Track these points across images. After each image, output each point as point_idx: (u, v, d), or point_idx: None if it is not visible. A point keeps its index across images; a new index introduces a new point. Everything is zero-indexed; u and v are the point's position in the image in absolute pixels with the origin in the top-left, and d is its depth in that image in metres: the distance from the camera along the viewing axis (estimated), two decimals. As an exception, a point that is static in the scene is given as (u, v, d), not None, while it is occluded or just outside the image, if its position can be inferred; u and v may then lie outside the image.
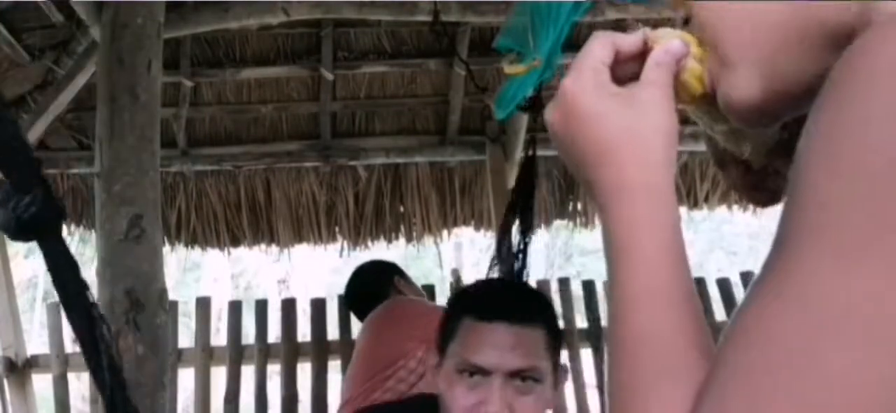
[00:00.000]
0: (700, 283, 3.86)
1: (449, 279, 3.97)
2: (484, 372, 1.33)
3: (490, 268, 3.40)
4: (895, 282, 0.44)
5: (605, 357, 3.68)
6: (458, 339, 1.38)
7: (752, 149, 0.91)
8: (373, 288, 2.88)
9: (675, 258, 0.58)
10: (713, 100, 0.66)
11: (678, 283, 0.57)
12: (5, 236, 3.99)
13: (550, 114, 0.66)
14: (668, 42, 0.64)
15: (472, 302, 1.43)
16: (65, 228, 4.34)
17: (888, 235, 0.44)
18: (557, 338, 1.44)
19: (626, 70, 0.64)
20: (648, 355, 0.56)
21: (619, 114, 0.61)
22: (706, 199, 4.49)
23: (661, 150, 0.61)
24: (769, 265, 0.49)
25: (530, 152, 3.42)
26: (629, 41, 0.65)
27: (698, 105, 0.71)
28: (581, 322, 3.76)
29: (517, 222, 3.29)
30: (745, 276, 3.89)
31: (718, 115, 0.70)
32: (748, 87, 0.61)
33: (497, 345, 1.34)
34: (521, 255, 3.27)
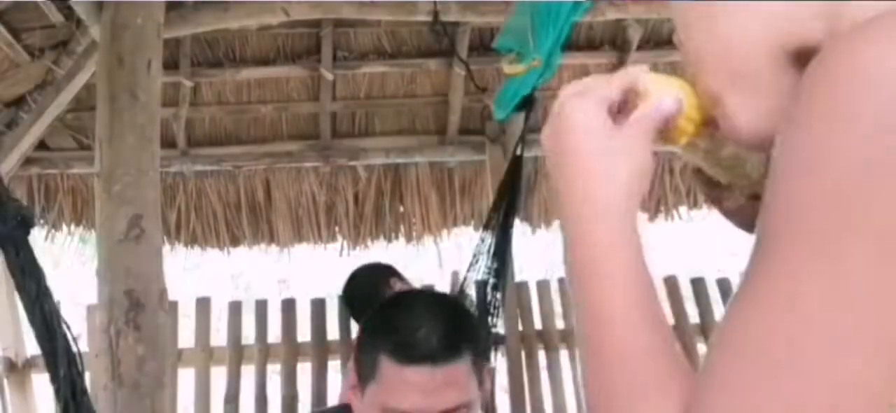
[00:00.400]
0: (700, 283, 3.86)
1: (449, 279, 3.96)
2: None
3: (469, 267, 3.42)
4: (863, 282, 0.46)
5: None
6: (378, 380, 1.28)
7: (756, 171, 0.92)
8: (368, 290, 2.90)
9: (643, 276, 0.62)
10: (709, 131, 0.70)
11: (649, 301, 0.61)
12: None
13: (545, 130, 0.71)
14: (661, 100, 0.67)
15: (392, 342, 1.28)
16: (65, 229, 4.34)
17: (856, 237, 0.46)
18: (481, 347, 1.35)
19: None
20: (635, 368, 0.58)
21: (601, 145, 0.66)
22: (706, 199, 4.49)
23: (628, 184, 0.65)
24: (749, 270, 0.52)
25: (518, 152, 3.43)
26: (619, 89, 0.70)
27: (695, 142, 0.74)
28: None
29: (499, 223, 3.30)
30: (745, 276, 3.89)
31: (719, 143, 0.75)
32: (745, 111, 0.64)
33: (423, 389, 1.24)
34: (500, 255, 3.28)
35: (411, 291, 1.64)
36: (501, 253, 3.31)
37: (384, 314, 1.37)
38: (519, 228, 3.97)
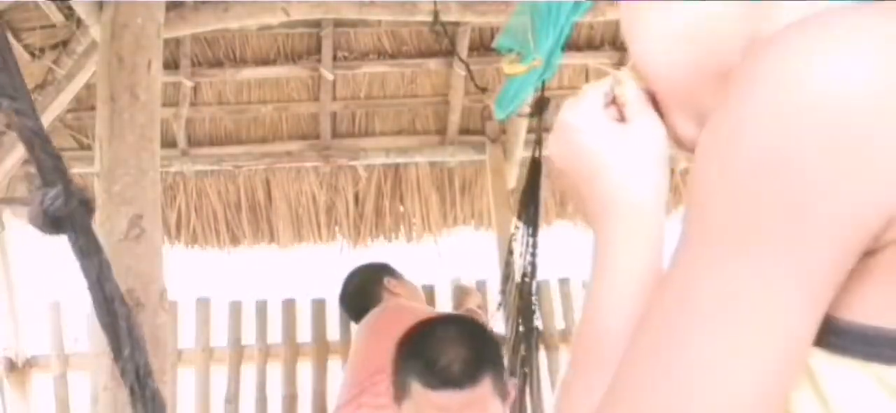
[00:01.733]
0: (700, 282, 3.86)
1: (449, 280, 3.96)
2: None
3: (505, 269, 3.44)
4: (758, 277, 0.47)
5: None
6: (412, 400, 1.45)
7: None
8: (363, 290, 2.91)
9: (648, 274, 0.64)
10: None
11: (641, 298, 0.62)
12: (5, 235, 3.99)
13: (551, 144, 0.74)
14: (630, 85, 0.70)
15: (419, 368, 1.45)
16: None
17: (754, 234, 0.48)
18: (501, 370, 1.48)
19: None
20: (595, 349, 0.62)
21: (615, 142, 0.68)
22: (706, 199, 4.50)
23: (653, 175, 0.67)
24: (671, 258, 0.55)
25: (536, 153, 3.42)
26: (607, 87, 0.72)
27: None
28: (581, 322, 3.76)
29: (524, 225, 3.31)
30: (745, 276, 3.89)
31: None
32: (685, 127, 0.66)
33: (447, 410, 1.42)
34: (531, 256, 3.30)
35: (440, 318, 1.78)
36: (534, 254, 3.35)
37: (414, 339, 1.50)
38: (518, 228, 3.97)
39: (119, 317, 0.90)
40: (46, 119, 3.60)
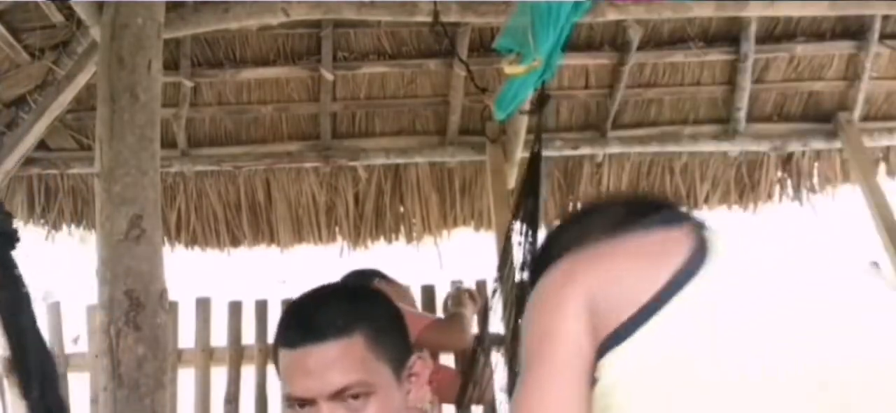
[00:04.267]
0: (700, 283, 3.86)
1: (449, 281, 3.95)
2: (309, 402, 1.19)
3: (498, 270, 3.43)
4: (537, 394, 1.02)
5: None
6: (281, 372, 1.24)
7: None
8: None
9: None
10: None
11: None
12: None
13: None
14: None
15: (280, 329, 1.25)
16: (65, 229, 4.33)
17: (529, 371, 1.04)
18: (387, 336, 1.26)
19: None
20: None
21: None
22: (706, 200, 4.50)
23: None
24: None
25: (535, 150, 3.42)
26: None
27: None
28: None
29: (522, 222, 3.30)
30: (745, 277, 3.88)
31: None
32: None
33: (310, 371, 1.19)
34: (529, 254, 3.29)
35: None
36: (532, 252, 3.33)
37: (287, 305, 1.30)
38: (519, 229, 3.97)
39: (29, 353, 0.89)
40: (46, 119, 3.61)
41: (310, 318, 1.23)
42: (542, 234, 3.41)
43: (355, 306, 1.27)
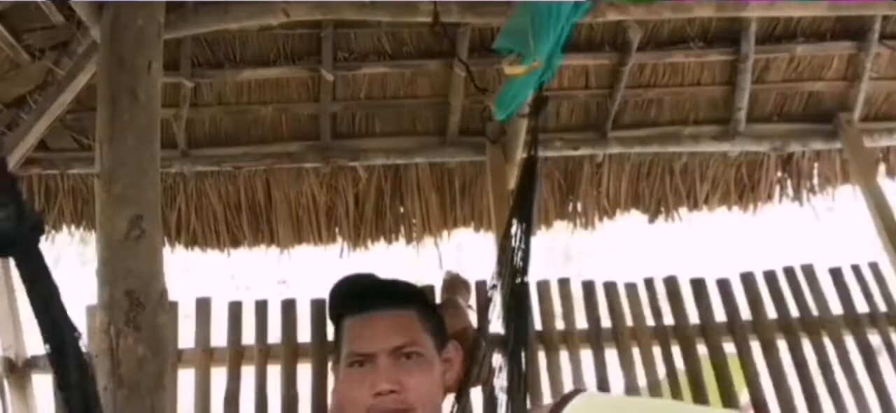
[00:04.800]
0: (700, 283, 3.86)
1: (442, 278, 3.95)
2: (369, 357, 1.44)
3: (496, 269, 3.43)
4: None
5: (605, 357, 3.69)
6: (344, 339, 1.50)
7: None
8: None
9: None
10: None
11: None
12: None
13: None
14: None
15: (344, 301, 1.55)
16: (65, 229, 4.33)
17: None
18: (431, 318, 1.52)
19: None
20: None
21: None
22: (706, 200, 4.50)
23: None
24: None
25: (532, 152, 3.41)
26: None
27: None
28: (581, 322, 3.76)
29: (518, 223, 3.30)
30: (745, 277, 3.89)
31: None
32: None
33: (375, 331, 1.47)
34: (522, 256, 3.28)
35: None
36: (526, 253, 3.34)
37: (339, 286, 1.59)
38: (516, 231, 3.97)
39: (67, 344, 0.89)
40: (46, 120, 3.61)
41: (379, 291, 1.54)
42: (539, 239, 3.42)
43: (410, 288, 1.59)
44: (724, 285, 3.85)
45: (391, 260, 3.49)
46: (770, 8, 3.84)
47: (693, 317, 3.76)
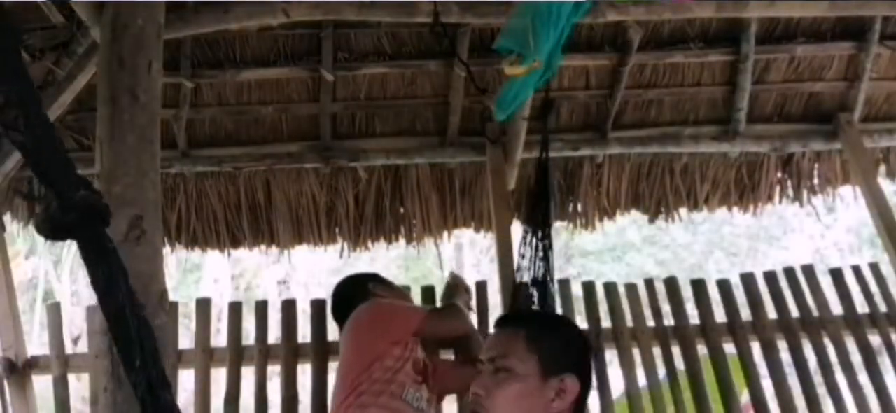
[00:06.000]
0: (700, 283, 3.86)
1: (446, 277, 3.95)
2: (482, 362, 1.71)
3: (516, 270, 3.48)
4: None
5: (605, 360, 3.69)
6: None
7: None
8: (352, 298, 2.94)
9: None
10: None
11: None
12: (5, 236, 3.99)
13: None
14: None
15: (498, 319, 1.87)
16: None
17: None
18: (544, 341, 1.67)
19: None
20: None
21: None
22: (706, 200, 4.50)
23: None
24: None
25: (543, 155, 3.43)
26: None
27: None
28: (581, 323, 3.76)
29: (537, 227, 3.34)
30: (745, 277, 3.89)
31: None
32: None
33: (492, 343, 1.75)
34: (544, 257, 3.33)
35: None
36: (547, 255, 3.39)
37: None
38: (519, 229, 3.98)
39: (130, 327, 0.89)
40: (47, 120, 3.60)
41: (505, 316, 1.97)
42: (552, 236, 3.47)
43: (527, 314, 1.98)
44: (724, 286, 3.85)
45: (391, 260, 3.49)
46: (770, 8, 3.84)
47: (693, 317, 3.76)
